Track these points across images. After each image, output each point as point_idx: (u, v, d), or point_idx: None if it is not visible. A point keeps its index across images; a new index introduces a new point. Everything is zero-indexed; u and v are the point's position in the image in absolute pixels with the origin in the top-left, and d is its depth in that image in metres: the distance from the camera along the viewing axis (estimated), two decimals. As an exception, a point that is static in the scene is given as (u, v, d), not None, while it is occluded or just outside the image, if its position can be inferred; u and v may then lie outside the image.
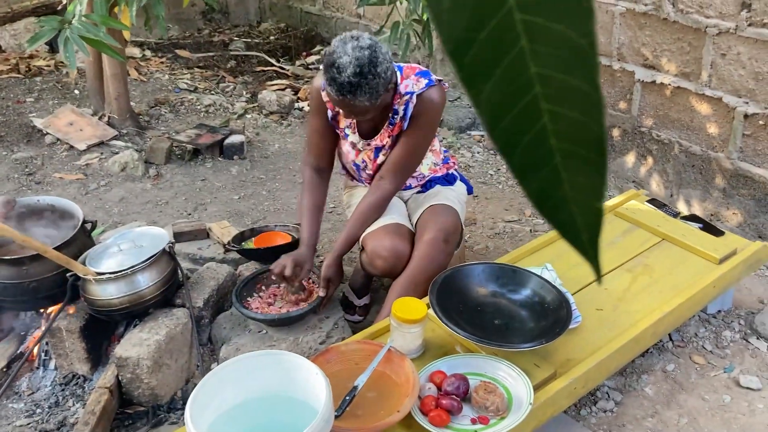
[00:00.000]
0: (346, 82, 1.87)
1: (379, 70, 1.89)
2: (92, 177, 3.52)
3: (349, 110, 2.00)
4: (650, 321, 1.94)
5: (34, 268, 2.10)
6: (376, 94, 1.92)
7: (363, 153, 2.24)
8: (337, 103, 1.98)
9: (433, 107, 2.11)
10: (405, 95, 2.11)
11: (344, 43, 1.91)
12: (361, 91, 1.89)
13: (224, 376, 1.42)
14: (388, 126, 2.17)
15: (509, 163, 0.36)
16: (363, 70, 1.86)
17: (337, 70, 1.88)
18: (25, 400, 2.15)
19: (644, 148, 3.21)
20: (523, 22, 0.32)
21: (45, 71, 4.92)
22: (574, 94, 0.33)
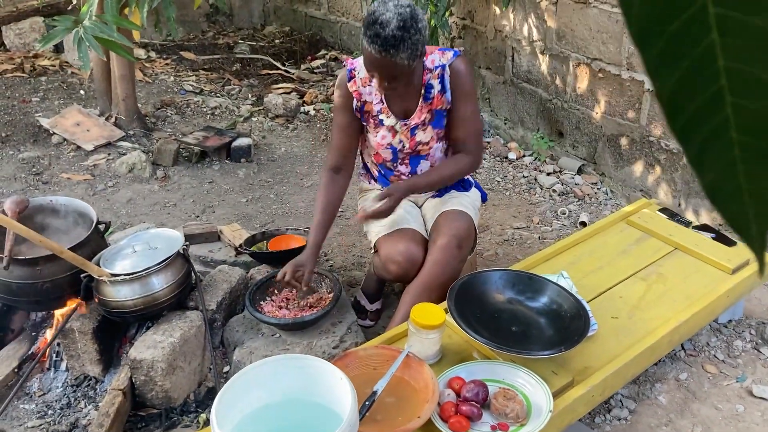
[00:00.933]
0: (390, 36, 1.89)
1: (420, 27, 1.93)
2: (100, 178, 3.52)
3: (387, 71, 1.98)
4: (666, 330, 1.95)
5: (47, 269, 2.10)
6: (416, 52, 1.95)
7: (400, 134, 2.24)
8: (377, 63, 1.96)
9: (467, 73, 2.16)
10: (436, 69, 2.14)
11: (384, 3, 1.95)
12: (404, 46, 1.91)
13: (249, 379, 1.41)
14: (424, 101, 2.17)
15: (687, 153, 0.37)
16: (406, 25, 1.89)
17: (381, 25, 1.89)
18: (36, 401, 2.14)
19: (652, 157, 3.23)
20: (717, 15, 0.33)
21: (50, 71, 4.91)
22: (760, 86, 0.34)
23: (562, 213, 3.32)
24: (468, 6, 4.20)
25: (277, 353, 2.12)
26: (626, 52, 3.18)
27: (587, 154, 3.64)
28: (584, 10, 3.35)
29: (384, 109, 2.22)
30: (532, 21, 3.73)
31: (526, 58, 3.85)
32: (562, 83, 3.64)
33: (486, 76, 4.23)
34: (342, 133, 2.27)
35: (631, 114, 3.28)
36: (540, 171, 3.72)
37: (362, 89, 2.20)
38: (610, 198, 3.45)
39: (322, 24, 5.94)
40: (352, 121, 2.26)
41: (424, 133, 2.22)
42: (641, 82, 3.16)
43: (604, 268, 2.25)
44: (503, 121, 4.19)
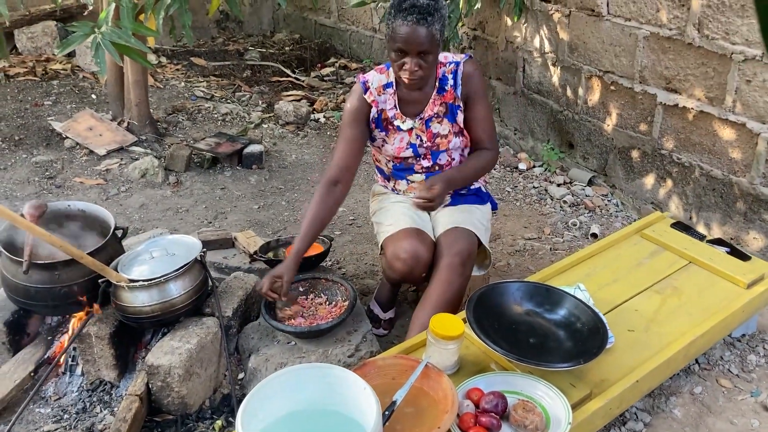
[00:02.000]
0: (425, 4, 1.98)
1: (444, 4, 2.05)
2: (112, 182, 3.53)
3: (421, 45, 2.02)
4: (682, 343, 1.96)
5: (65, 274, 2.11)
6: (443, 27, 2.04)
7: (416, 129, 2.27)
8: (411, 38, 2.01)
9: (477, 74, 2.25)
10: (448, 64, 2.22)
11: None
12: (438, 15, 2.01)
13: (273, 388, 1.42)
14: (437, 94, 2.24)
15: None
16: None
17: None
18: (52, 405, 2.15)
19: (664, 170, 3.24)
20: None
21: (62, 75, 4.94)
22: None
23: (573, 224, 3.33)
24: (479, 17, 4.23)
25: (292, 361, 2.12)
26: (639, 65, 3.20)
27: (598, 165, 3.65)
28: (597, 23, 3.37)
29: (398, 115, 2.25)
30: (543, 33, 3.75)
31: (537, 69, 3.87)
32: (573, 95, 3.66)
33: (496, 87, 4.24)
34: (347, 147, 2.27)
35: (643, 127, 3.29)
36: (550, 182, 3.73)
37: (378, 98, 2.24)
38: (620, 210, 3.46)
39: (332, 32, 5.97)
40: (362, 134, 2.28)
41: (441, 125, 2.26)
42: (653, 96, 3.17)
43: (619, 281, 2.26)
44: (513, 131, 4.20)
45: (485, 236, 2.35)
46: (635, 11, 3.15)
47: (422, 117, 2.26)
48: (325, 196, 2.25)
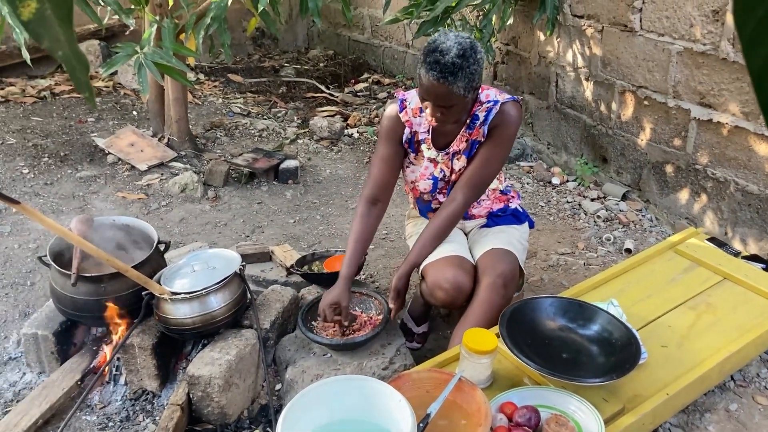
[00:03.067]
0: (449, 63, 1.94)
1: (478, 57, 1.99)
2: (153, 197, 3.64)
3: (443, 99, 2.01)
4: (716, 360, 1.96)
5: (111, 286, 2.19)
6: (472, 83, 1.99)
7: (441, 163, 2.29)
8: (434, 91, 2.00)
9: (511, 120, 2.17)
10: (487, 102, 2.17)
11: (445, 33, 2.02)
12: (462, 74, 1.95)
13: (312, 398, 1.47)
14: (466, 130, 2.21)
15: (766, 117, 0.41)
16: (465, 54, 1.95)
17: (441, 52, 1.95)
18: (97, 413, 2.22)
19: (698, 185, 3.22)
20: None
21: (104, 92, 5.10)
22: None
23: (607, 239, 3.33)
24: (512, 32, 4.26)
25: (328, 373, 2.17)
26: (672, 80, 3.20)
27: (632, 180, 3.64)
28: (630, 39, 3.38)
29: (427, 140, 2.27)
30: (576, 48, 3.77)
31: (570, 84, 3.89)
32: (606, 110, 3.67)
33: (529, 101, 4.27)
34: (383, 165, 2.31)
35: (677, 142, 3.28)
36: (584, 196, 3.73)
37: (413, 119, 2.25)
38: (655, 225, 3.45)
39: (365, 48, 6.05)
40: (396, 153, 2.31)
41: (459, 162, 2.27)
42: (687, 111, 3.17)
43: (652, 296, 2.27)
44: (546, 145, 4.22)
45: (522, 256, 2.36)
46: (668, 27, 3.16)
47: (448, 152, 2.26)
48: (366, 215, 2.31)
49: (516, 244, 2.32)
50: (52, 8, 0.49)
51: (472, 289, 2.19)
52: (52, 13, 0.49)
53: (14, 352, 2.46)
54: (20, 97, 4.82)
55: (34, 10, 0.49)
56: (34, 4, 0.48)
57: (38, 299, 2.76)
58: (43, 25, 0.49)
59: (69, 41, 0.51)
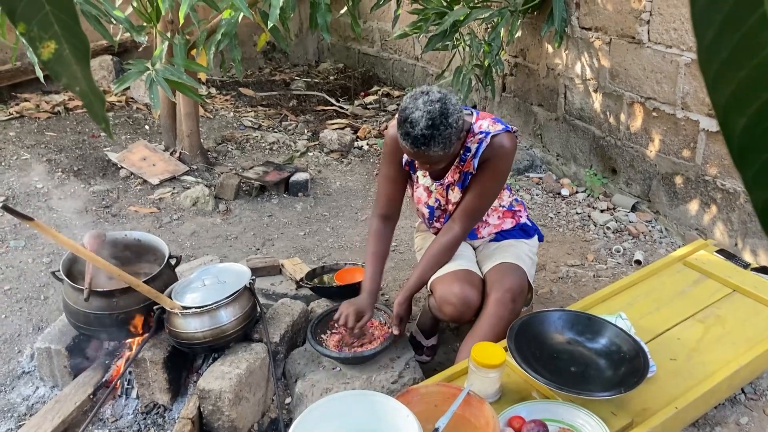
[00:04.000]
0: (419, 135, 1.95)
1: (450, 121, 1.97)
2: (165, 211, 3.68)
3: (423, 161, 2.08)
4: (726, 373, 1.95)
5: (123, 301, 2.22)
6: (449, 143, 2.00)
7: (435, 193, 2.32)
8: (412, 155, 2.06)
9: (504, 152, 2.16)
10: (479, 134, 2.16)
11: (415, 99, 2.00)
12: (434, 143, 1.96)
13: (321, 413, 1.49)
14: (459, 162, 2.22)
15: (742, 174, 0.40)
16: (435, 123, 1.94)
17: (410, 125, 1.96)
18: (109, 427, 2.24)
19: (708, 196, 3.22)
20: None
21: (117, 106, 5.16)
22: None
23: (617, 251, 3.33)
24: (520, 44, 4.28)
25: (337, 386, 2.19)
26: (681, 92, 3.21)
27: (641, 191, 3.64)
28: (638, 51, 3.40)
29: (424, 171, 2.30)
30: (585, 60, 3.78)
31: (578, 95, 3.90)
32: (615, 121, 3.68)
33: (538, 113, 4.28)
34: (389, 184, 2.36)
35: (686, 153, 3.29)
36: (593, 208, 3.74)
37: None
38: (664, 236, 3.45)
39: (375, 61, 6.09)
40: (399, 173, 2.34)
41: (453, 193, 2.29)
42: (696, 122, 3.17)
43: (661, 309, 2.27)
44: (555, 157, 4.23)
45: (531, 271, 2.37)
46: (676, 38, 3.17)
47: (443, 182, 2.29)
48: (380, 232, 2.36)
49: (524, 258, 2.33)
50: (70, 48, 0.51)
51: (481, 304, 2.20)
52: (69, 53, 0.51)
53: (28, 366, 2.49)
54: (35, 112, 4.88)
55: (53, 50, 0.51)
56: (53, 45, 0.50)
57: (51, 313, 2.80)
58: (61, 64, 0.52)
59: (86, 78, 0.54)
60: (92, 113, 0.53)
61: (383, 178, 2.36)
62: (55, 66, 0.50)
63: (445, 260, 2.29)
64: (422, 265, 2.28)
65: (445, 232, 2.28)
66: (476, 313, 2.20)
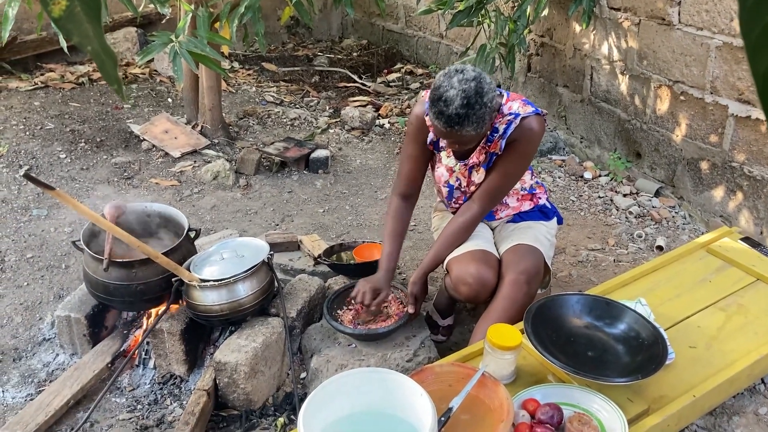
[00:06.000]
0: (453, 114, 1.91)
1: (485, 100, 1.93)
2: (186, 184, 3.69)
3: (454, 140, 2.05)
4: (746, 363, 1.92)
5: (141, 272, 2.23)
6: (482, 123, 1.96)
7: (457, 173, 2.29)
8: (444, 135, 2.03)
9: (532, 135, 2.13)
10: (508, 115, 2.12)
11: (449, 77, 1.95)
12: (468, 122, 1.93)
13: (334, 389, 1.48)
14: (485, 143, 2.18)
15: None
16: (470, 102, 1.91)
17: (445, 103, 1.92)
18: (126, 396, 2.27)
19: (734, 183, 3.16)
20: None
21: (140, 79, 5.17)
22: None
23: (639, 236, 3.28)
24: (547, 24, 4.21)
25: (352, 363, 2.19)
26: (710, 75, 3.14)
27: (665, 176, 3.59)
28: (668, 32, 3.32)
29: (448, 149, 2.27)
30: (612, 41, 3.71)
31: (605, 77, 3.83)
32: (641, 104, 3.61)
33: (563, 94, 4.22)
34: (411, 163, 2.33)
35: (713, 138, 3.22)
36: (616, 192, 3.69)
37: None
38: (688, 222, 3.40)
39: (399, 38, 6.04)
40: (422, 153, 2.31)
41: (478, 174, 2.26)
42: (725, 107, 3.10)
43: (682, 296, 2.23)
44: (579, 139, 4.17)
45: (549, 253, 2.34)
46: (708, 20, 3.09)
47: (466, 163, 2.25)
48: (399, 210, 2.35)
49: (542, 240, 2.30)
50: (81, 6, 0.50)
51: (497, 284, 2.18)
52: (81, 10, 0.50)
53: (48, 334, 2.52)
54: (59, 82, 4.91)
55: (64, 7, 0.50)
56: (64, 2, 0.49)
57: (72, 282, 2.83)
58: (72, 21, 0.50)
59: (98, 37, 0.52)
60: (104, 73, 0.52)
61: (405, 156, 2.34)
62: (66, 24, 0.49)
63: (462, 240, 2.27)
64: (438, 245, 2.27)
65: (463, 211, 2.26)
66: (492, 294, 2.19)
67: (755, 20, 0.38)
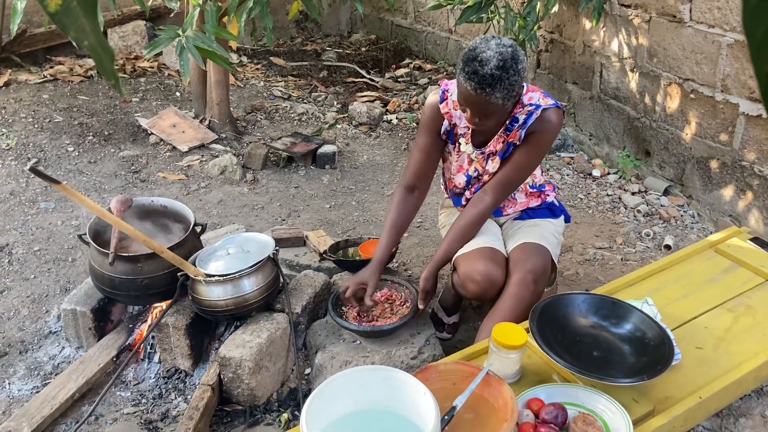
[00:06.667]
0: (488, 75, 1.88)
1: (519, 68, 1.92)
2: (193, 178, 3.69)
3: (480, 108, 1.98)
4: (754, 364, 1.90)
5: (147, 266, 2.23)
6: (511, 92, 1.94)
7: (475, 162, 2.27)
8: (471, 99, 1.97)
9: (551, 127, 2.12)
10: (529, 105, 2.10)
11: (486, 41, 1.94)
12: (500, 86, 1.90)
13: (338, 387, 1.48)
14: (504, 132, 2.16)
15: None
16: (506, 65, 1.88)
17: (480, 63, 1.89)
18: (131, 390, 2.28)
19: (744, 182, 3.13)
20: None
21: (149, 72, 5.18)
22: None
23: (647, 235, 3.26)
24: (557, 20, 4.19)
25: (357, 359, 2.18)
26: (721, 73, 3.11)
27: (674, 175, 3.56)
28: (678, 30, 3.29)
29: (467, 135, 2.24)
30: (623, 38, 3.68)
31: (615, 74, 3.81)
32: (651, 102, 3.58)
33: (572, 91, 4.19)
34: (422, 154, 2.30)
35: (723, 137, 3.19)
36: (624, 190, 3.66)
37: (453, 111, 2.21)
38: (696, 222, 3.37)
39: (408, 33, 6.02)
40: (435, 144, 2.29)
41: (493, 163, 2.23)
42: (736, 105, 3.08)
43: (689, 296, 2.22)
44: (588, 137, 4.15)
45: (556, 251, 2.32)
46: (719, 18, 3.06)
47: (484, 151, 2.23)
48: (402, 202, 2.32)
49: (550, 238, 2.29)
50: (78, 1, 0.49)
51: (504, 282, 2.17)
52: (77, 5, 0.49)
53: (54, 326, 2.53)
54: (68, 75, 4.92)
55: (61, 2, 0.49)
56: (59, -3, 0.48)
57: (79, 275, 2.83)
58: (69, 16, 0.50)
59: (94, 32, 0.52)
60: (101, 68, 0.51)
61: (416, 147, 2.31)
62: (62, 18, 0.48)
63: (474, 232, 2.25)
64: (450, 238, 2.25)
65: (475, 203, 2.24)
66: (499, 292, 2.17)
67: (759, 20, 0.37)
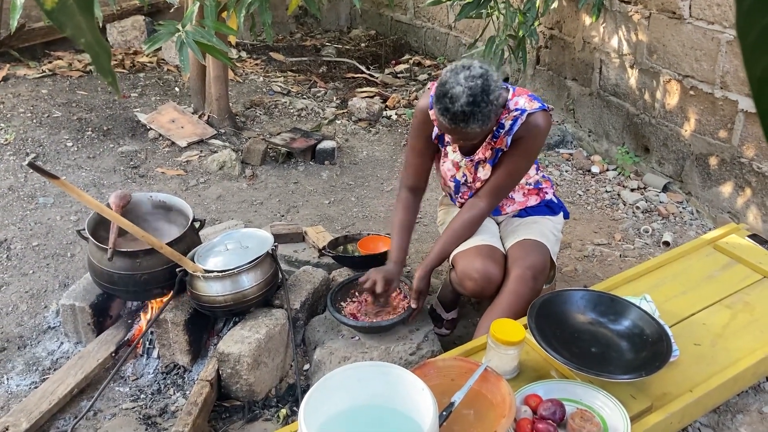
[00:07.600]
0: (459, 112, 1.89)
1: (491, 98, 1.91)
2: (192, 173, 3.69)
3: (459, 137, 2.03)
4: (751, 361, 1.91)
5: (146, 262, 2.23)
6: (488, 120, 1.94)
7: (463, 168, 2.28)
8: (449, 131, 2.01)
9: (538, 131, 2.11)
10: (514, 111, 2.10)
11: (456, 73, 1.93)
12: (474, 120, 1.91)
13: (336, 382, 1.48)
14: (491, 139, 2.16)
15: (765, 128, 0.40)
16: (476, 99, 1.89)
17: (450, 100, 1.90)
18: (130, 385, 2.28)
19: (743, 179, 3.13)
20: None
21: (148, 67, 5.17)
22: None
23: (645, 231, 3.26)
24: (556, 16, 4.18)
25: (356, 355, 2.19)
26: (720, 70, 3.10)
27: (674, 171, 3.56)
28: (678, 26, 3.29)
29: (453, 145, 2.25)
30: (622, 34, 3.68)
31: (614, 71, 3.80)
32: (650, 98, 3.58)
33: (572, 87, 4.19)
34: (417, 156, 2.32)
35: (722, 134, 3.19)
36: (624, 186, 3.66)
37: None
38: (695, 218, 3.37)
39: (407, 29, 6.01)
40: (428, 146, 2.30)
41: (484, 170, 2.24)
42: (735, 102, 3.07)
43: (687, 293, 2.22)
44: (587, 133, 4.14)
45: (555, 248, 2.33)
46: (719, 14, 3.06)
47: (473, 159, 2.23)
48: (407, 203, 2.35)
49: (548, 235, 2.29)
50: (74, -2, 0.49)
51: (502, 280, 2.17)
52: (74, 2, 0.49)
53: (53, 322, 2.53)
54: (67, 70, 4.91)
55: None
56: (56, -6, 0.48)
57: (77, 270, 2.84)
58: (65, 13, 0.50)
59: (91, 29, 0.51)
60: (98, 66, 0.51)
61: (411, 150, 2.32)
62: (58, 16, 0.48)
63: (467, 236, 2.26)
64: (443, 240, 2.26)
65: (469, 207, 2.25)
66: (497, 289, 2.18)
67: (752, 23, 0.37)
